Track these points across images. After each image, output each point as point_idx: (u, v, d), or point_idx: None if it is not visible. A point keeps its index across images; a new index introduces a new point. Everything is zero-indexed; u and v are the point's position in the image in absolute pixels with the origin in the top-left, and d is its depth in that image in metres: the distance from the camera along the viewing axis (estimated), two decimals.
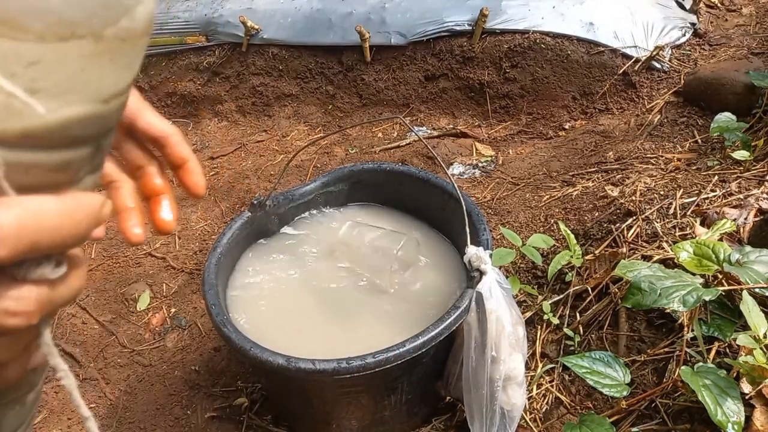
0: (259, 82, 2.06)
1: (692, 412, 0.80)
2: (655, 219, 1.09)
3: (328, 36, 1.92)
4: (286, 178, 1.70)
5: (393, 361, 0.74)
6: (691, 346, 0.84)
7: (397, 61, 1.88)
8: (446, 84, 1.84)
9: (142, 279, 1.43)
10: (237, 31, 2.04)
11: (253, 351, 0.76)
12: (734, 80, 1.38)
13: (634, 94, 1.64)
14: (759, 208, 1.02)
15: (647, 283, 0.80)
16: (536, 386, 0.97)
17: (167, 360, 1.22)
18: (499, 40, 1.76)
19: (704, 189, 1.12)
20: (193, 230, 1.57)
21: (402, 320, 0.90)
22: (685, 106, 1.51)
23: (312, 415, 0.93)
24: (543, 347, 1.03)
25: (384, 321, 0.91)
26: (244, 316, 0.93)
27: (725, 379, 0.72)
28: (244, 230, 1.01)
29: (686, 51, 1.71)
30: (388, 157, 1.73)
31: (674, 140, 1.40)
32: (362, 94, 1.94)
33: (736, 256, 0.82)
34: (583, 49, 1.68)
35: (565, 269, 1.11)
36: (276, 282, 0.99)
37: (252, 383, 1.13)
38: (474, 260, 0.79)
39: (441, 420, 0.99)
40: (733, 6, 1.93)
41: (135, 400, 1.14)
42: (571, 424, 0.80)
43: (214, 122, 2.12)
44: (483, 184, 1.53)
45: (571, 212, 1.27)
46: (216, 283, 0.89)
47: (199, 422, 1.08)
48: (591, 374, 0.81)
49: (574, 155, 1.52)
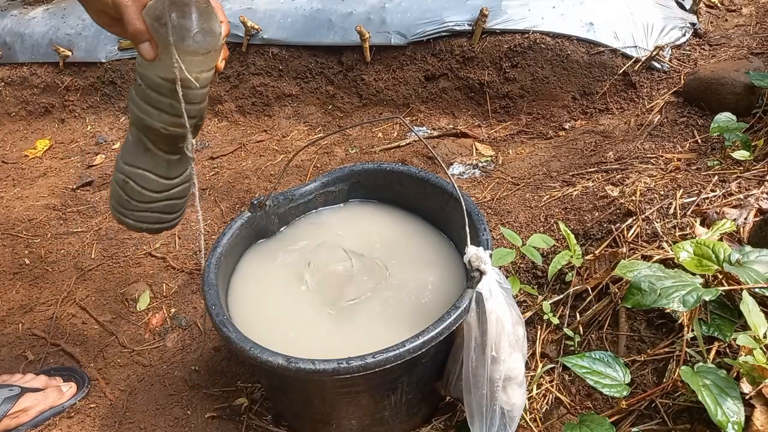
0: (259, 82, 2.06)
1: (692, 412, 0.80)
2: (655, 219, 1.09)
3: (328, 36, 1.92)
4: (286, 178, 1.70)
5: (393, 361, 0.74)
6: (691, 346, 0.84)
7: (397, 61, 1.88)
8: (446, 84, 1.84)
9: (142, 279, 1.43)
10: (237, 31, 2.04)
11: (253, 351, 0.76)
12: (734, 80, 1.39)
13: (634, 94, 1.64)
14: (759, 208, 1.02)
15: (647, 283, 0.80)
16: (536, 386, 0.97)
17: (167, 360, 1.22)
18: (499, 40, 1.76)
19: (704, 189, 1.12)
20: (193, 230, 1.57)
21: (402, 320, 0.90)
22: (685, 106, 1.51)
23: (312, 415, 0.93)
24: (543, 347, 1.03)
25: (384, 321, 0.91)
26: (244, 316, 0.93)
27: (725, 379, 0.72)
28: (244, 230, 1.01)
29: (686, 51, 1.71)
30: (388, 157, 1.73)
31: (674, 140, 1.40)
32: (362, 94, 1.94)
33: (736, 256, 0.82)
34: (583, 49, 1.68)
35: (565, 269, 1.11)
36: (276, 282, 0.99)
37: (252, 383, 1.13)
38: (474, 260, 0.79)
39: (441, 420, 0.99)
40: (733, 6, 1.93)
41: (135, 400, 1.14)
42: (571, 424, 0.80)
43: (214, 122, 2.12)
44: (483, 184, 1.53)
45: (571, 212, 1.27)
46: (216, 283, 0.89)
47: (199, 422, 1.08)
48: (591, 374, 0.81)
49: (574, 155, 1.52)
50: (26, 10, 2.65)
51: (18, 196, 1.87)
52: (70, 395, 1.13)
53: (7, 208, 1.81)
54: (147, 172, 0.83)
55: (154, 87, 0.74)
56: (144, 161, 0.82)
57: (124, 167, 0.84)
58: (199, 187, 1.77)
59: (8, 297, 1.45)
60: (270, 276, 1.00)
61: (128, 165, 0.83)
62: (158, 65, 0.71)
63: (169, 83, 0.72)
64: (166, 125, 0.77)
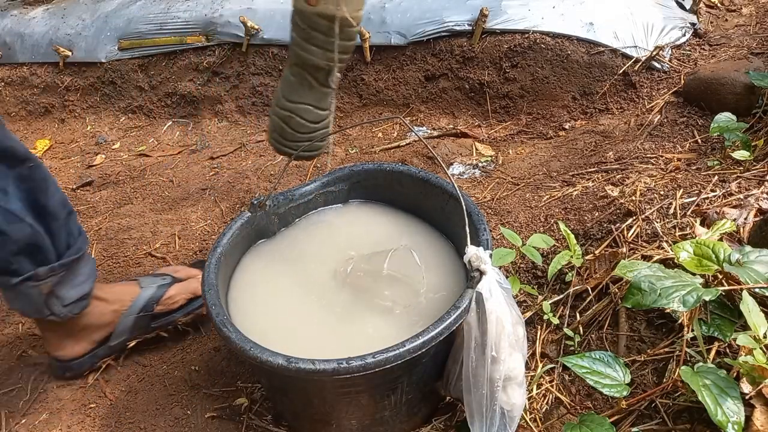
0: (259, 82, 2.06)
1: (692, 412, 0.80)
2: (655, 219, 1.09)
3: None
4: (286, 178, 1.70)
5: (393, 361, 0.74)
6: (691, 346, 0.84)
7: (397, 61, 1.88)
8: (446, 84, 1.84)
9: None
10: (237, 31, 2.04)
11: (253, 351, 0.76)
12: (734, 80, 1.39)
13: (634, 94, 1.64)
14: (759, 208, 1.02)
15: (647, 283, 0.80)
16: (536, 386, 0.97)
17: (167, 360, 1.22)
18: (499, 40, 1.76)
19: (704, 189, 1.12)
20: (193, 230, 1.57)
21: (402, 320, 0.90)
22: (685, 106, 1.51)
23: (312, 415, 0.93)
24: (543, 347, 1.03)
25: (384, 321, 0.91)
26: (244, 316, 0.93)
27: (725, 379, 0.72)
28: (244, 230, 1.01)
29: (686, 51, 1.71)
30: (388, 157, 1.73)
31: (674, 140, 1.40)
32: (362, 94, 1.94)
33: (736, 256, 0.82)
34: (583, 49, 1.68)
35: (565, 269, 1.11)
36: (276, 282, 0.99)
37: (252, 383, 1.13)
38: (474, 260, 0.79)
39: (441, 420, 0.99)
40: (733, 6, 1.93)
41: (135, 400, 1.14)
42: (571, 424, 0.80)
43: (214, 122, 2.12)
44: (483, 184, 1.53)
45: (571, 212, 1.27)
46: (216, 283, 0.89)
47: (199, 422, 1.08)
48: (591, 374, 0.81)
49: (574, 155, 1.52)
50: (26, 10, 2.65)
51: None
52: None
53: None
54: (309, 106, 0.99)
55: (318, 27, 0.89)
56: (308, 96, 0.98)
57: (288, 104, 0.99)
58: (199, 188, 1.77)
59: None
60: (270, 276, 1.00)
61: (292, 102, 0.98)
62: (321, 6, 0.87)
63: (329, 22, 0.88)
64: (329, 61, 0.92)
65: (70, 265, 1.05)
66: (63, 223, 1.03)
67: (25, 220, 0.96)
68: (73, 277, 1.06)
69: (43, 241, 1.00)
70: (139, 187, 1.85)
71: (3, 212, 0.93)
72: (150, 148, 2.05)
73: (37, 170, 0.99)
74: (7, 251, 0.96)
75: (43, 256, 1.00)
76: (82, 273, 1.08)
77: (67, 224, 1.04)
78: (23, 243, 0.97)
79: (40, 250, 1.00)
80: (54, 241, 1.02)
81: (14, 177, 0.95)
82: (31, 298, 1.02)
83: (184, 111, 2.19)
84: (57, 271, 1.02)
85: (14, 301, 1.04)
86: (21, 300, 1.03)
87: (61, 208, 1.03)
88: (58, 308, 1.05)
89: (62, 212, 1.03)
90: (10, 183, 0.95)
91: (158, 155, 2.00)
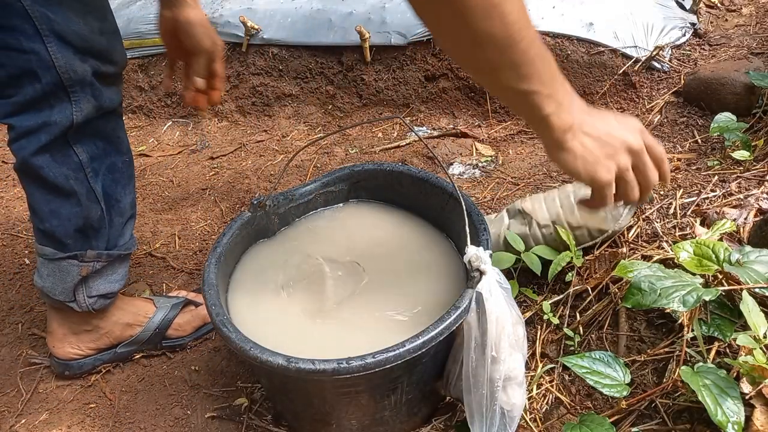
0: (259, 82, 2.06)
1: (692, 412, 0.80)
2: (655, 219, 1.09)
3: (328, 36, 1.92)
4: (286, 178, 1.70)
5: (393, 361, 0.74)
6: (691, 346, 0.84)
7: (397, 61, 1.88)
8: (446, 84, 1.84)
9: (142, 279, 1.43)
10: (237, 31, 2.04)
11: (253, 351, 0.76)
12: (734, 80, 1.38)
13: (634, 94, 1.64)
14: (759, 208, 1.02)
15: (647, 283, 0.80)
16: (536, 386, 0.97)
17: (167, 360, 1.22)
18: None
19: (704, 189, 1.12)
20: (193, 230, 1.57)
21: (402, 320, 0.90)
22: (685, 106, 1.51)
23: (312, 415, 0.93)
24: (543, 347, 1.03)
25: (384, 321, 0.91)
26: (244, 316, 0.93)
27: (725, 379, 0.72)
28: (244, 230, 1.01)
29: (686, 51, 1.71)
30: (388, 157, 1.73)
31: (674, 140, 1.40)
32: (362, 94, 1.94)
33: (736, 256, 0.82)
34: (583, 49, 1.68)
35: (565, 269, 1.11)
36: (276, 282, 0.99)
37: (252, 383, 1.13)
38: (474, 260, 0.79)
39: (441, 420, 0.99)
40: (733, 6, 1.93)
41: (134, 400, 1.14)
42: (571, 424, 0.80)
43: (214, 122, 2.12)
44: (483, 184, 1.53)
45: None
46: (216, 283, 0.89)
47: (199, 422, 1.08)
48: (591, 374, 0.81)
49: None
50: None
51: (18, 196, 1.87)
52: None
53: (7, 208, 1.81)
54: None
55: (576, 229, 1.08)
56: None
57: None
58: (199, 188, 1.77)
59: (8, 297, 1.44)
60: (270, 276, 1.00)
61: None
62: (593, 215, 1.05)
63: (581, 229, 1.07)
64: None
65: (115, 259, 1.08)
66: (124, 222, 1.09)
67: (100, 204, 1.02)
68: (111, 272, 1.09)
69: (103, 228, 1.04)
70: (139, 187, 1.84)
71: (88, 190, 0.99)
72: (150, 148, 2.05)
73: (128, 166, 1.08)
74: (73, 224, 1.00)
75: (96, 241, 1.04)
76: (118, 272, 1.11)
77: (126, 224, 1.10)
78: (89, 223, 1.01)
79: (96, 234, 1.04)
80: (110, 233, 1.06)
81: (110, 164, 1.02)
82: (66, 278, 1.04)
83: (184, 111, 2.19)
84: (102, 259, 1.06)
85: (46, 278, 1.05)
86: (54, 277, 1.05)
87: (129, 207, 1.09)
88: (82, 297, 1.07)
89: (128, 212, 1.09)
90: (104, 167, 1.01)
91: (158, 155, 2.00)
